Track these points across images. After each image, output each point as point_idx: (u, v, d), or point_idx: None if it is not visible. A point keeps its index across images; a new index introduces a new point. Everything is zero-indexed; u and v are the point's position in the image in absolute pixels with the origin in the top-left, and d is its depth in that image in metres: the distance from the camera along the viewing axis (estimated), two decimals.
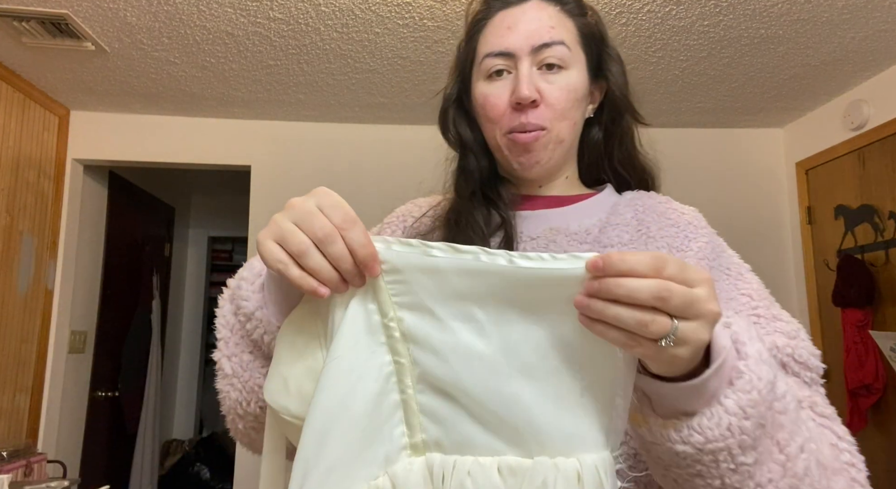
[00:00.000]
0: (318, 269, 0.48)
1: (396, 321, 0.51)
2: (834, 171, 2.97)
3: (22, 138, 2.76)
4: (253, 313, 0.59)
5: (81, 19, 2.18)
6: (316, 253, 0.48)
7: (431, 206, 0.82)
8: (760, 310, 0.66)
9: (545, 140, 0.73)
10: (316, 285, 0.48)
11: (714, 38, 2.37)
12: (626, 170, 0.83)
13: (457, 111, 0.82)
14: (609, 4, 2.16)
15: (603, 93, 0.80)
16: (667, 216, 0.74)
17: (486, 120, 0.76)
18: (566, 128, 0.74)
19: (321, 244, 0.48)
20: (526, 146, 0.73)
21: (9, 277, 2.65)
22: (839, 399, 2.82)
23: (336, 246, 0.47)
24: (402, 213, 0.84)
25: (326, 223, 0.48)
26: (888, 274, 2.60)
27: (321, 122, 3.26)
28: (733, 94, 2.91)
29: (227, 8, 2.14)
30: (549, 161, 0.75)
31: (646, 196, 0.80)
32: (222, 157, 3.20)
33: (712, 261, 0.70)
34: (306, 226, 0.48)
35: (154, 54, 2.48)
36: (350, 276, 0.49)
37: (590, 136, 0.83)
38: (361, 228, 0.48)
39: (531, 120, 0.71)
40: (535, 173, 0.76)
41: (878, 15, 2.20)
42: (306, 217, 0.48)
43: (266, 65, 2.58)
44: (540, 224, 0.76)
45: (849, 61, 2.56)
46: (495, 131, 0.75)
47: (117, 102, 3.01)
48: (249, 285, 0.61)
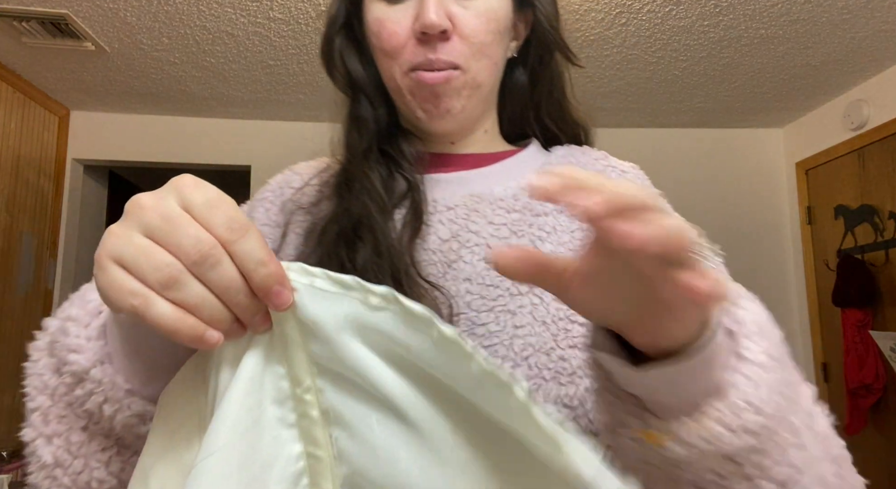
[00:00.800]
0: (199, 305, 0.32)
1: (315, 392, 0.35)
2: (834, 171, 2.97)
3: (22, 138, 2.76)
4: (87, 372, 0.40)
5: (81, 19, 2.18)
6: (191, 280, 0.32)
7: (318, 170, 0.65)
8: None
9: (458, 83, 0.58)
10: (200, 330, 0.32)
11: (714, 38, 2.37)
12: (556, 122, 0.70)
13: (345, 40, 0.64)
14: (609, 4, 2.16)
15: (529, 27, 0.66)
16: (605, 175, 0.61)
17: (381, 54, 0.59)
18: (485, 68, 0.59)
19: (197, 267, 0.32)
20: (434, 90, 0.57)
21: (9, 277, 2.65)
22: (839, 399, 2.82)
23: (221, 268, 0.32)
24: (279, 183, 0.67)
25: (202, 234, 0.32)
26: (888, 274, 2.60)
27: (321, 122, 3.25)
28: (733, 94, 2.91)
29: (227, 8, 2.14)
30: (463, 110, 0.60)
31: (579, 152, 0.67)
32: (222, 157, 3.20)
33: None
34: (170, 239, 0.32)
35: (154, 54, 2.48)
36: (246, 313, 0.33)
37: (512, 81, 0.68)
38: (257, 237, 0.33)
39: (441, 56, 0.56)
40: (446, 126, 0.61)
41: (878, 15, 2.20)
42: (168, 225, 0.32)
43: (266, 65, 2.58)
44: (457, 189, 0.62)
45: (849, 61, 2.56)
46: (394, 69, 0.59)
47: (117, 102, 3.01)
48: (81, 329, 0.42)
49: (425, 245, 0.57)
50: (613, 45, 2.44)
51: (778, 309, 3.24)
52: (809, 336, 3.11)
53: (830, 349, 2.94)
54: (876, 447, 2.62)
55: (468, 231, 0.57)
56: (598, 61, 2.57)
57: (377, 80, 0.63)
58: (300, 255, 0.57)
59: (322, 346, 0.34)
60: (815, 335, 3.06)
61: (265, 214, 0.63)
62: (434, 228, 0.58)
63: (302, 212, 0.61)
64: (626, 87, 2.80)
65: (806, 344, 3.12)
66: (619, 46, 2.45)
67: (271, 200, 0.65)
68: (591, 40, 2.40)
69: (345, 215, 0.56)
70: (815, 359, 3.05)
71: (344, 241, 0.55)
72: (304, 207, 0.61)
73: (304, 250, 0.57)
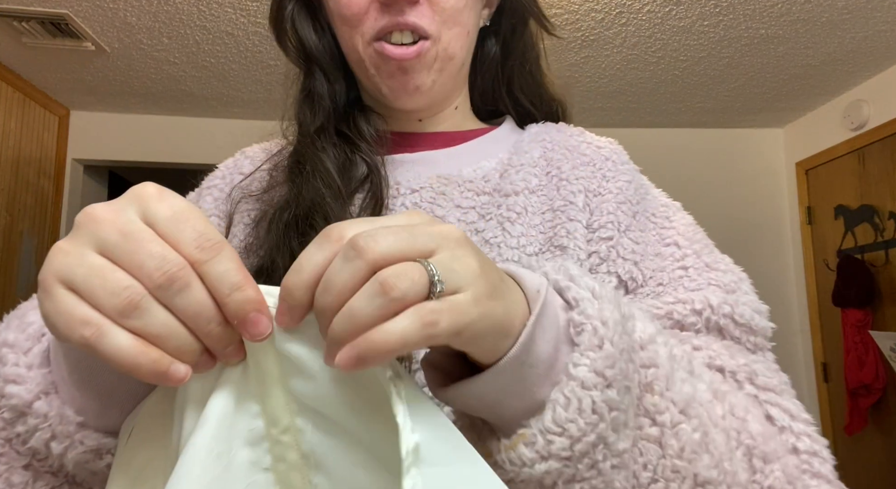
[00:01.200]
0: (163, 335, 0.28)
1: (294, 433, 0.31)
2: (834, 171, 2.97)
3: (22, 138, 2.76)
4: (30, 405, 0.35)
5: (81, 19, 2.18)
6: (155, 306, 0.28)
7: (269, 153, 0.60)
8: (689, 260, 0.50)
9: (429, 56, 0.52)
10: (164, 364, 0.27)
11: (714, 38, 2.37)
12: (530, 98, 0.65)
13: (298, 6, 0.58)
14: (609, 4, 2.16)
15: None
16: (580, 151, 0.57)
17: (341, 21, 0.53)
18: (457, 37, 0.54)
19: (162, 291, 0.27)
20: (402, 65, 0.52)
21: (9, 277, 2.65)
22: (839, 399, 2.82)
23: (190, 293, 0.28)
24: (228, 169, 0.62)
25: (168, 253, 0.28)
26: (888, 274, 2.60)
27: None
28: (733, 94, 2.91)
29: (227, 8, 2.14)
30: (433, 86, 0.55)
31: (554, 129, 0.61)
32: (222, 157, 3.18)
33: (635, 206, 0.54)
34: (130, 258, 0.28)
35: (154, 54, 2.48)
36: (218, 344, 0.29)
37: (484, 52, 0.63)
38: (231, 256, 0.29)
39: (410, 19, 0.50)
40: (414, 103, 0.56)
41: (878, 15, 2.20)
42: (128, 242, 0.28)
43: (266, 65, 2.58)
44: (423, 170, 0.57)
45: (849, 61, 2.56)
46: (355, 38, 0.53)
47: (117, 102, 3.01)
48: (20, 356, 0.36)
49: None
50: (613, 45, 2.44)
51: (778, 309, 3.25)
52: (809, 336, 3.11)
53: (830, 349, 2.94)
54: (876, 447, 2.62)
55: (434, 216, 0.53)
56: (598, 61, 2.57)
57: (334, 52, 0.57)
58: (248, 246, 0.52)
59: (305, 383, 0.30)
60: (815, 335, 3.06)
61: (213, 204, 0.58)
62: (397, 213, 0.53)
63: (252, 199, 0.56)
64: (626, 86, 2.80)
65: (806, 344, 3.12)
66: (619, 46, 2.45)
67: (220, 188, 0.59)
68: (591, 40, 2.40)
69: (296, 201, 0.52)
70: (815, 359, 3.05)
71: (295, 230, 0.50)
72: (255, 195, 0.56)
73: (252, 240, 0.53)
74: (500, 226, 0.52)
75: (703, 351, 0.43)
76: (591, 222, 0.52)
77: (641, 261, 0.51)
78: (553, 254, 0.51)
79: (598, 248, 0.51)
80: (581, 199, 0.53)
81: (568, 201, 0.53)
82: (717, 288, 0.48)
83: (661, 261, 0.51)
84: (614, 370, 0.31)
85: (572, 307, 0.33)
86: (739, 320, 0.46)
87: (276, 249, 0.50)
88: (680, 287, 0.49)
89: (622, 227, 0.52)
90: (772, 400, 0.41)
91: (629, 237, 0.51)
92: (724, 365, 0.42)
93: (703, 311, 0.45)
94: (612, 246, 0.51)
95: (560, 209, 0.53)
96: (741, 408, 0.38)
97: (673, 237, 0.53)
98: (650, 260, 0.51)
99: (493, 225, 0.52)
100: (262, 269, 0.50)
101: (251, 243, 0.53)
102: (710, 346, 0.43)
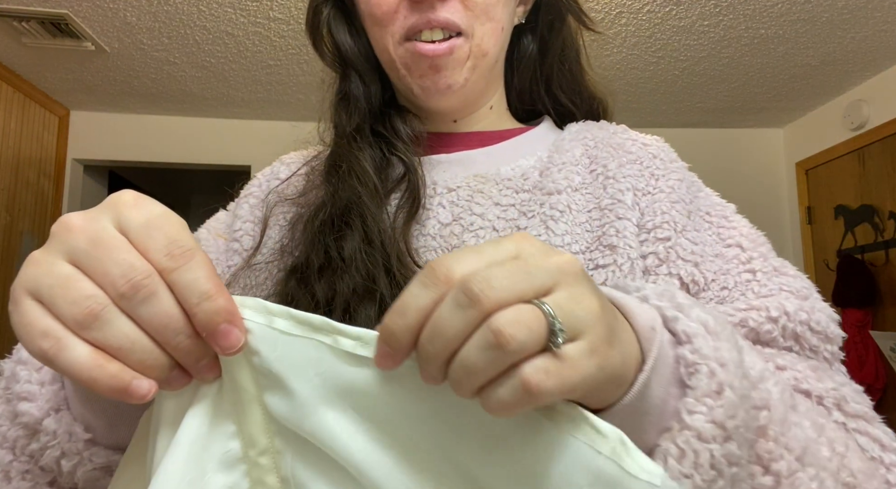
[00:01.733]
0: (125, 348, 0.26)
1: (272, 455, 0.29)
2: (834, 171, 2.97)
3: (22, 138, 2.76)
4: (40, 423, 0.35)
5: (81, 19, 2.18)
6: (117, 317, 0.26)
7: (306, 159, 0.59)
8: (756, 263, 0.48)
9: (462, 52, 0.51)
10: (124, 379, 0.26)
11: (714, 38, 2.37)
12: (570, 96, 0.63)
13: (333, 11, 0.57)
14: (609, 4, 2.16)
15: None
16: (626, 149, 0.56)
17: (372, 21, 0.53)
18: (490, 33, 0.52)
19: (126, 301, 0.26)
20: (434, 62, 0.51)
21: (9, 277, 2.65)
22: None
23: (155, 302, 0.26)
24: (266, 176, 0.62)
25: (136, 260, 0.27)
26: (888, 274, 2.60)
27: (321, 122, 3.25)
28: (733, 94, 2.91)
29: (227, 8, 2.14)
30: (465, 84, 0.53)
31: (595, 127, 0.60)
32: (222, 157, 3.20)
33: (689, 204, 0.52)
34: (97, 266, 0.27)
35: (154, 54, 2.48)
36: (188, 358, 0.28)
37: (520, 50, 0.61)
38: (203, 264, 0.27)
39: (441, 15, 0.49)
40: (447, 102, 0.55)
41: (878, 15, 2.20)
42: (97, 250, 0.27)
43: (266, 65, 2.58)
44: (459, 170, 0.56)
45: (849, 61, 2.56)
46: (386, 38, 0.52)
47: (117, 102, 3.01)
48: (33, 373, 0.36)
49: (424, 230, 0.52)
50: (613, 45, 2.44)
51: None
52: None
53: None
54: None
55: (471, 214, 0.52)
56: (597, 61, 2.56)
57: (369, 55, 0.57)
58: (283, 247, 0.52)
59: (283, 401, 0.28)
60: None
61: (249, 211, 0.59)
62: (434, 212, 0.53)
63: (288, 203, 0.56)
64: (626, 87, 2.80)
65: None
66: (619, 46, 2.45)
67: (256, 195, 0.60)
68: (590, 40, 2.40)
69: (332, 201, 0.51)
70: None
71: (331, 229, 0.49)
72: (291, 198, 0.56)
73: (287, 241, 0.52)
74: (544, 224, 0.51)
75: (787, 372, 0.40)
76: (645, 222, 0.50)
77: (702, 263, 0.48)
78: (602, 252, 0.49)
79: (656, 249, 0.49)
80: (629, 197, 0.51)
81: (616, 200, 0.51)
82: (789, 294, 0.46)
83: (724, 264, 0.49)
84: (735, 420, 0.29)
85: (682, 342, 0.30)
86: (816, 328, 0.44)
87: (311, 247, 0.49)
88: (749, 291, 0.47)
89: (678, 227, 0.50)
90: (861, 428, 0.39)
91: (686, 237, 0.50)
92: (812, 389, 0.39)
93: (778, 319, 0.43)
94: (670, 247, 0.49)
95: (608, 207, 0.51)
96: (840, 443, 0.36)
97: (735, 238, 0.51)
98: (710, 261, 0.49)
99: (535, 223, 0.51)
100: (297, 267, 0.49)
101: (286, 244, 0.52)
102: (795, 367, 0.41)
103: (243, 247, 0.55)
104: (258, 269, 0.52)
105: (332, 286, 0.46)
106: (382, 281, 0.45)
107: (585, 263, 0.48)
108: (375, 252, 0.47)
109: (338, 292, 0.45)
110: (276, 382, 0.28)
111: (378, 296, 0.45)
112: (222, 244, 0.58)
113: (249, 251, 0.54)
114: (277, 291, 0.49)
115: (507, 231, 0.51)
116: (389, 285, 0.45)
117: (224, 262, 0.56)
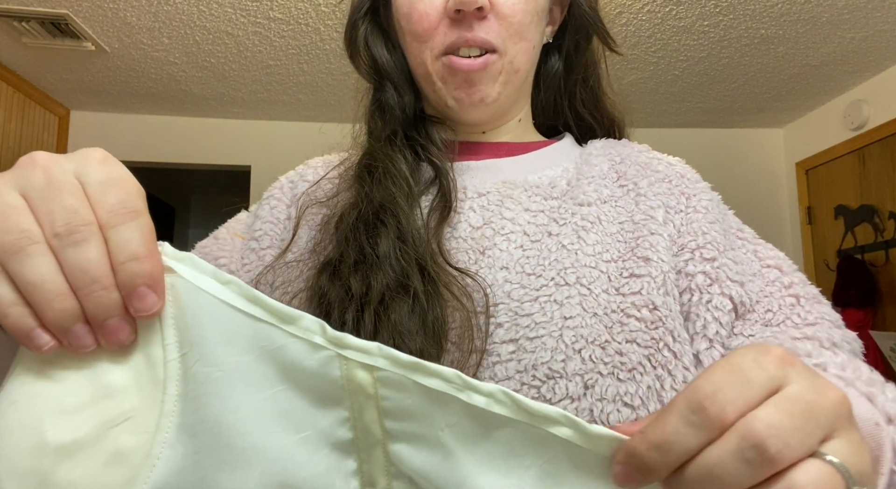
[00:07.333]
0: (36, 283, 0.27)
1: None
2: (834, 171, 2.97)
3: (22, 138, 2.76)
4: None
5: (81, 19, 2.18)
6: (43, 254, 0.27)
7: (331, 164, 0.62)
8: (798, 289, 0.50)
9: (495, 68, 0.54)
10: (27, 326, 0.27)
11: (714, 38, 2.37)
12: (592, 113, 0.66)
13: (371, 26, 0.61)
14: (609, 4, 2.16)
15: (564, 10, 0.63)
16: (653, 168, 0.58)
17: (411, 37, 0.56)
18: (523, 51, 0.56)
19: (58, 240, 0.27)
20: (469, 77, 0.54)
21: None
22: None
23: (84, 248, 0.27)
24: (290, 179, 0.64)
25: (83, 209, 0.28)
26: (888, 274, 2.60)
27: (321, 122, 3.26)
28: (733, 94, 2.91)
29: (227, 8, 2.14)
30: (498, 98, 0.56)
31: (619, 144, 0.63)
32: (222, 157, 3.20)
33: (722, 223, 0.54)
34: (43, 206, 0.27)
35: (154, 54, 2.48)
36: (98, 309, 0.28)
37: (547, 68, 0.65)
38: (143, 228, 0.28)
39: (479, 34, 0.53)
40: (479, 115, 0.58)
41: (878, 15, 2.20)
42: (49, 190, 0.28)
43: (266, 65, 2.58)
44: (489, 177, 0.58)
45: (849, 61, 2.56)
46: (424, 54, 0.55)
47: (117, 102, 3.01)
48: None
49: (455, 233, 0.53)
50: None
51: None
52: None
53: None
54: None
55: (502, 218, 0.54)
56: None
57: (404, 67, 0.60)
58: (315, 246, 0.54)
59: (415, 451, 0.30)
60: None
61: (270, 212, 0.61)
62: (465, 215, 0.54)
63: (318, 205, 0.58)
64: (626, 86, 2.80)
65: None
66: (619, 46, 2.45)
67: (278, 197, 0.62)
68: None
69: (367, 201, 0.53)
70: None
71: (365, 227, 0.51)
72: (321, 201, 0.57)
73: (319, 240, 0.54)
74: (576, 233, 0.52)
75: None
76: (686, 242, 0.52)
77: (746, 283, 0.50)
78: (636, 263, 0.50)
79: (705, 269, 0.50)
80: (661, 213, 0.53)
81: (648, 216, 0.53)
82: (829, 323, 0.48)
83: (765, 285, 0.51)
84: None
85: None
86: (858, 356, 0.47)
87: (345, 243, 0.51)
88: (794, 315, 0.48)
89: (720, 248, 0.51)
90: None
91: (728, 257, 0.51)
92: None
93: (830, 350, 0.45)
94: (717, 267, 0.50)
95: (641, 222, 0.53)
96: None
97: (773, 259, 0.53)
98: (750, 281, 0.50)
99: (568, 231, 0.52)
100: (330, 261, 0.50)
101: (318, 243, 0.54)
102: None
103: (261, 246, 0.57)
104: (290, 267, 0.54)
105: (366, 280, 0.47)
106: (416, 278, 0.47)
107: (619, 271, 0.50)
108: (409, 250, 0.49)
109: (372, 286, 0.47)
110: (414, 432, 0.29)
111: (412, 291, 0.46)
112: (239, 243, 0.59)
113: (267, 250, 0.56)
114: (310, 285, 0.50)
115: (538, 236, 0.52)
116: (423, 283, 0.47)
117: (238, 260, 0.58)
